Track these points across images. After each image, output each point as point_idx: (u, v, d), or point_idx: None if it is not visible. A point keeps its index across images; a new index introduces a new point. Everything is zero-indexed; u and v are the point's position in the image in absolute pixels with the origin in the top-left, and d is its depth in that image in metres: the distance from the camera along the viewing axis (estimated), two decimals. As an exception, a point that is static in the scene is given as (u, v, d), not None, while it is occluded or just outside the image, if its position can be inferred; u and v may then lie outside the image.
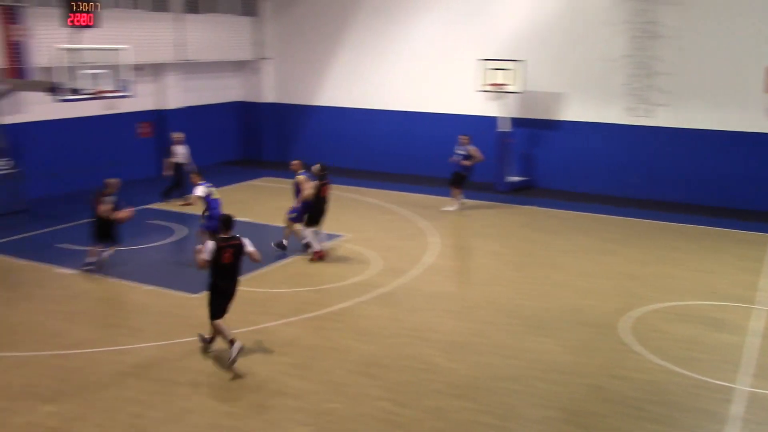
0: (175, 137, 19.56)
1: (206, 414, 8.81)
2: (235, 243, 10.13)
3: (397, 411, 8.93)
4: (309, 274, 14.02)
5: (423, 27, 23.22)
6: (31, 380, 9.58)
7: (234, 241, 10.15)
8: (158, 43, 21.75)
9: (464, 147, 19.21)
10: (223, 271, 10.09)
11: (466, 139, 19.31)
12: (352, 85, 24.72)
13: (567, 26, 21.08)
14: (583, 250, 15.88)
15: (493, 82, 20.75)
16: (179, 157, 19.35)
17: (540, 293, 13.15)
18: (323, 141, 25.46)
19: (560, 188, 21.77)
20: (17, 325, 11.41)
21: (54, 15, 17.47)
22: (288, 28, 25.70)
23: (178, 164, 19.25)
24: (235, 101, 26.59)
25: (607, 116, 20.97)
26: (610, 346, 10.90)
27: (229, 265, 10.10)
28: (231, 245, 10.08)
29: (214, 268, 10.08)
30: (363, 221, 18.02)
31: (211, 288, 10.24)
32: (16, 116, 19.15)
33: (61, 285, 13.29)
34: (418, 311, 12.27)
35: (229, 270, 10.15)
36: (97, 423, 8.55)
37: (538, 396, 9.39)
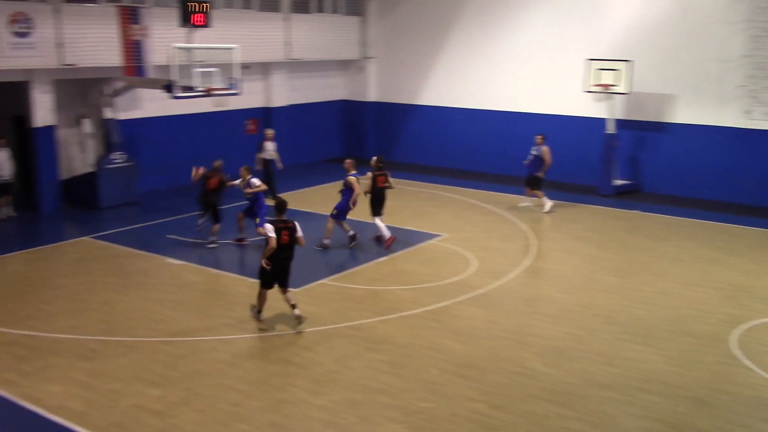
0: (266, 134, 19.94)
1: (301, 405, 9.01)
2: (290, 226, 11.17)
3: (491, 413, 8.87)
4: (406, 273, 14.10)
5: (528, 26, 22.92)
6: (141, 364, 10.06)
7: (289, 223, 11.18)
8: (266, 42, 22.34)
9: (538, 147, 18.84)
10: (280, 249, 11.06)
11: (540, 138, 18.92)
12: (455, 84, 24.67)
13: (679, 25, 20.34)
14: (689, 257, 15.31)
15: (601, 83, 20.26)
16: (269, 154, 19.69)
17: (641, 300, 12.77)
18: (424, 140, 25.56)
19: (667, 193, 21.04)
20: (129, 312, 12.00)
21: (169, 15, 18.26)
22: (392, 27, 25.90)
23: (267, 160, 19.63)
24: (338, 100, 27.02)
25: (721, 119, 20.10)
26: (715, 359, 10.47)
27: (286, 245, 11.13)
28: (287, 227, 11.11)
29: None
30: (461, 221, 17.96)
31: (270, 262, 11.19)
32: (131, 112, 20.14)
33: (170, 275, 13.88)
34: (514, 314, 12.15)
35: (285, 249, 11.16)
36: (199, 409, 8.89)
37: (636, 406, 9.13)
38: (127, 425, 8.50)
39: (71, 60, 17.56)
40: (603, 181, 21.02)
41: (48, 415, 8.72)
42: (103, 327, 11.34)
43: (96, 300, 12.47)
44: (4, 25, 16.28)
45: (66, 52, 17.44)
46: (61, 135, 19.17)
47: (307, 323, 11.52)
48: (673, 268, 14.57)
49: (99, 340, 10.87)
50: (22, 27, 16.56)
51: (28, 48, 16.77)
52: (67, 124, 19.37)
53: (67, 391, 9.27)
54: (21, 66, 16.93)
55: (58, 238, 16.26)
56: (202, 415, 8.74)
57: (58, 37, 17.27)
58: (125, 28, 17.73)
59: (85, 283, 13.32)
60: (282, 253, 11.15)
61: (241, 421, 8.61)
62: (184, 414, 8.76)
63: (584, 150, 22.09)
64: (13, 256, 14.88)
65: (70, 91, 19.30)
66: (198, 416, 8.72)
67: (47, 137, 18.34)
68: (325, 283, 13.45)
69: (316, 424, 8.60)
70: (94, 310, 12.01)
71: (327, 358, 10.33)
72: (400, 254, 15.22)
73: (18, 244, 15.72)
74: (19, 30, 16.53)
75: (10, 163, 17.54)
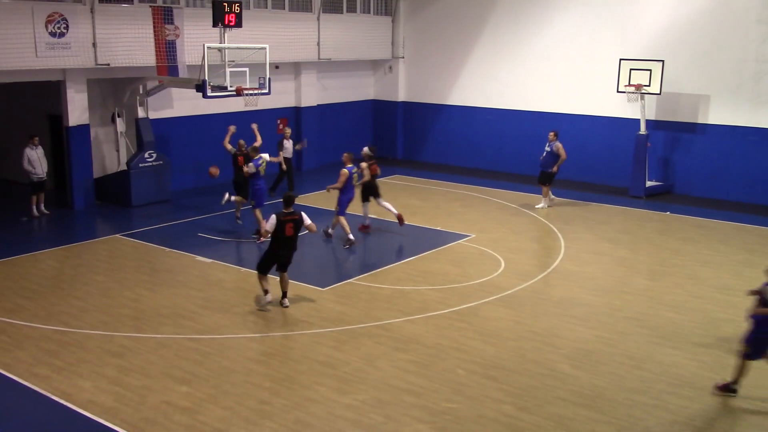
0: (285, 132, 20.24)
1: (327, 404, 9.03)
2: (296, 218, 11.74)
3: (518, 415, 8.82)
4: (434, 273, 14.07)
5: (559, 26, 22.74)
6: (169, 361, 10.16)
7: (295, 215, 11.74)
8: (297, 42, 22.42)
9: (551, 144, 18.97)
10: (284, 241, 11.72)
11: (553, 134, 19.09)
12: (485, 84, 24.56)
13: (713, 24, 20.03)
14: (722, 260, 15.08)
15: (633, 83, 20.04)
16: (288, 152, 19.95)
17: (672, 303, 12.60)
18: (454, 140, 25.49)
19: (700, 195, 20.75)
20: (159, 309, 12.12)
21: (202, 15, 18.43)
22: (421, 27, 25.86)
23: (286, 159, 19.89)
24: (368, 100, 27.05)
25: (757, 120, 19.77)
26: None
27: (289, 237, 11.74)
28: (293, 219, 11.68)
29: (275, 239, 11.74)
30: (490, 222, 17.88)
31: (269, 253, 11.89)
32: (163, 111, 20.36)
33: (199, 272, 14.00)
34: (543, 315, 12.05)
35: (287, 240, 11.78)
36: (227, 406, 8.95)
37: (666, 411, 9.01)
38: (155, 421, 8.58)
39: (105, 59, 17.80)
40: (635, 183, 20.78)
41: (78, 410, 8.84)
42: (133, 323, 11.48)
43: (126, 296, 12.63)
44: (41, 25, 16.53)
45: (100, 51, 17.68)
46: (95, 134, 19.44)
47: (335, 322, 11.55)
48: (705, 272, 14.37)
49: (129, 336, 11.00)
50: (57, 27, 16.82)
51: (63, 48, 17.03)
52: (100, 123, 19.64)
53: (98, 387, 9.39)
54: (56, 66, 17.18)
55: (90, 236, 16.49)
56: (229, 413, 8.80)
57: (92, 37, 17.50)
58: (159, 28, 17.92)
59: (116, 279, 13.49)
60: (284, 245, 11.81)
61: (267, 419, 8.65)
62: (211, 411, 8.83)
63: (616, 151, 21.87)
64: (47, 253, 15.11)
65: (103, 90, 19.58)
66: (225, 413, 8.78)
67: (81, 136, 18.61)
68: (353, 282, 13.47)
69: (342, 422, 8.62)
70: (124, 307, 12.16)
71: (354, 357, 10.34)
72: (428, 254, 15.19)
73: (51, 241, 15.98)
74: (54, 30, 16.78)
75: (45, 162, 17.79)
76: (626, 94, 20.33)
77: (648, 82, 19.83)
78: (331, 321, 11.63)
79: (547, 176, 19.13)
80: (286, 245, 11.86)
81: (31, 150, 17.48)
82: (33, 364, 10.03)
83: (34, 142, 17.59)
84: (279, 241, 11.77)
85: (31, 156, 17.46)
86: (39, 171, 17.59)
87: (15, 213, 17.87)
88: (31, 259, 14.67)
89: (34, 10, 16.41)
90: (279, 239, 11.76)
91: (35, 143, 17.61)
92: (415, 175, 23.60)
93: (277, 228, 11.65)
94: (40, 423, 8.72)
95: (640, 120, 20.53)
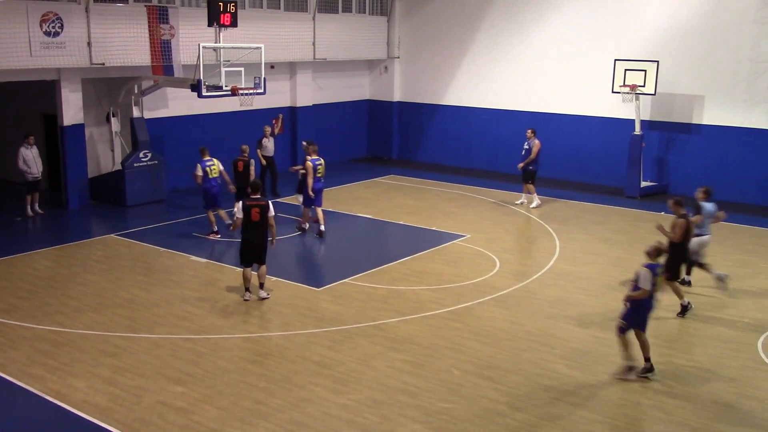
0: (265, 131, 20.00)
1: (322, 404, 9.02)
2: (262, 204, 12.18)
3: (513, 415, 8.82)
4: (429, 273, 14.07)
5: (554, 26, 22.75)
6: (164, 361, 10.14)
7: (261, 202, 12.20)
8: (292, 41, 22.40)
9: (529, 141, 19.19)
10: (251, 227, 12.17)
11: (531, 132, 19.31)
12: (480, 85, 24.57)
13: (708, 25, 20.08)
14: (717, 261, 15.08)
15: (627, 83, 20.07)
16: (268, 151, 19.83)
17: (666, 304, 12.60)
18: (449, 140, 25.50)
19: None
20: (154, 309, 12.10)
21: (197, 15, 18.40)
22: (416, 27, 25.85)
23: (268, 158, 19.80)
24: (363, 99, 27.04)
25: (751, 121, 19.82)
26: (742, 364, 10.33)
27: (256, 222, 12.15)
28: (258, 205, 12.15)
29: (243, 225, 12.23)
30: (486, 222, 17.88)
31: (242, 241, 12.38)
32: (158, 111, 20.32)
33: (194, 272, 13.98)
34: (538, 316, 12.06)
35: (255, 226, 12.19)
36: (222, 406, 8.94)
37: (662, 411, 9.02)
38: (150, 421, 8.56)
39: (100, 59, 17.75)
40: (629, 183, 20.82)
41: (73, 410, 8.81)
42: (128, 323, 11.45)
43: (121, 297, 12.60)
44: (35, 24, 16.49)
45: (95, 51, 17.63)
46: (89, 133, 19.39)
47: (330, 322, 11.55)
48: (700, 272, 14.37)
49: (124, 336, 10.97)
50: (52, 26, 16.77)
51: (58, 47, 16.98)
52: (95, 123, 19.59)
53: (92, 387, 9.37)
54: (51, 65, 17.14)
55: (85, 235, 16.45)
56: (224, 413, 8.78)
57: (87, 37, 17.46)
58: (154, 28, 17.87)
59: (111, 279, 13.46)
60: (252, 230, 12.22)
61: (262, 419, 8.64)
62: (206, 411, 8.81)
63: (611, 151, 21.90)
64: (41, 252, 15.07)
65: (98, 90, 19.53)
66: (220, 413, 8.76)
67: (76, 135, 18.56)
68: (348, 282, 13.47)
69: (337, 422, 8.61)
70: (119, 307, 12.13)
71: (349, 357, 10.33)
72: (423, 254, 15.18)
73: (46, 241, 15.93)
74: (49, 29, 16.73)
75: (39, 161, 17.72)
76: (621, 94, 20.36)
77: (643, 83, 19.87)
78: (327, 321, 11.63)
79: (531, 174, 19.24)
80: (254, 231, 12.25)
81: (26, 149, 17.42)
82: (27, 364, 10.00)
83: (29, 141, 17.52)
84: (246, 227, 12.25)
85: (26, 155, 17.41)
86: (34, 170, 17.53)
87: (9, 213, 17.82)
88: (25, 258, 14.62)
89: (29, 10, 16.37)
90: (246, 225, 12.23)
91: (30, 143, 17.54)
92: (411, 175, 23.60)
93: (244, 214, 12.18)
94: (34, 423, 8.69)
95: (635, 120, 20.56)
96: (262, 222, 12.24)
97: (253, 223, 12.21)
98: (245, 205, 12.21)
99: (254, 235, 12.31)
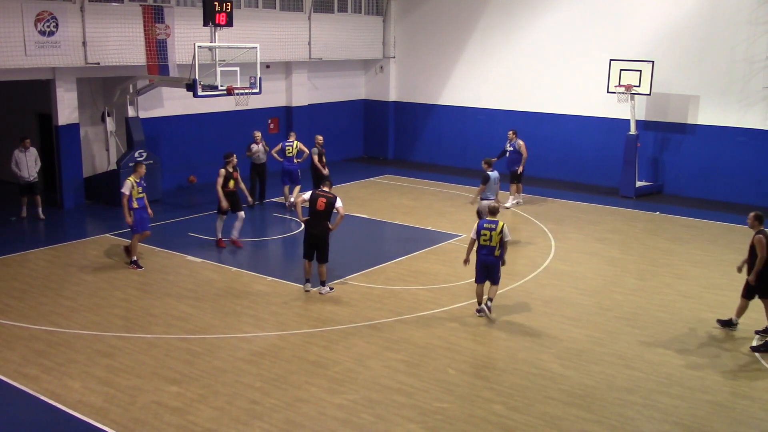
0: (255, 136, 19.02)
1: (318, 404, 9.02)
2: (330, 196, 12.67)
3: (508, 415, 8.83)
4: (425, 273, 14.08)
5: (550, 26, 22.78)
6: (160, 361, 10.13)
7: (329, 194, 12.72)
8: (288, 41, 22.39)
9: (513, 143, 19.25)
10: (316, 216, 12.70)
11: (513, 133, 19.38)
12: (476, 84, 24.60)
13: (703, 26, 20.12)
14: (711, 260, 15.15)
15: (623, 83, 20.10)
16: (257, 157, 18.86)
17: (662, 303, 12.66)
18: (445, 140, 25.51)
19: (690, 195, 20.85)
20: (149, 309, 12.08)
21: (193, 14, 18.37)
22: (412, 27, 25.86)
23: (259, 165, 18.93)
24: (359, 99, 27.04)
25: (746, 121, 19.87)
26: (737, 363, 10.36)
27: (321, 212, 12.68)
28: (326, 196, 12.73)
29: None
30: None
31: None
32: (154, 110, 20.29)
33: (190, 272, 13.96)
34: (533, 315, 12.08)
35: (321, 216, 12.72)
36: (217, 406, 8.93)
37: (656, 410, 9.04)
38: (145, 421, 8.55)
39: (95, 58, 17.72)
40: (625, 183, 20.86)
41: (68, 410, 8.80)
42: (123, 323, 11.43)
43: (116, 296, 12.58)
44: (30, 23, 16.44)
45: (90, 50, 17.60)
46: (84, 133, 19.35)
47: (326, 322, 11.55)
48: (695, 271, 14.43)
49: (119, 336, 10.95)
50: (47, 26, 16.73)
51: (53, 46, 16.94)
52: (90, 123, 19.55)
53: (87, 387, 9.35)
54: (46, 64, 17.10)
55: (80, 235, 16.42)
56: (219, 413, 8.77)
57: (82, 36, 17.42)
58: (149, 27, 17.85)
59: (106, 279, 13.43)
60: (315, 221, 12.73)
61: (258, 419, 8.63)
62: (201, 411, 8.80)
63: (606, 151, 21.94)
64: (36, 252, 15.04)
65: (93, 89, 19.50)
66: (215, 413, 8.76)
67: (71, 135, 18.52)
68: (344, 282, 13.46)
69: (333, 422, 8.61)
70: (114, 307, 12.11)
71: (345, 357, 10.33)
72: (419, 254, 15.19)
73: (41, 241, 15.90)
74: (44, 28, 16.69)
75: (36, 165, 17.41)
76: (616, 94, 20.40)
77: (638, 83, 19.90)
78: (322, 321, 11.63)
79: (518, 176, 19.32)
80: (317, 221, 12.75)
81: (20, 152, 17.11)
82: (22, 364, 9.98)
83: (24, 144, 17.21)
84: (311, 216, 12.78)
85: (19, 158, 17.08)
86: (24, 174, 17.08)
87: (5, 213, 17.76)
88: (20, 258, 14.59)
89: (24, 9, 16.32)
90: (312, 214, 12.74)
91: (26, 146, 17.22)
92: (406, 175, 23.61)
93: (309, 203, 12.69)
94: (29, 424, 8.66)
95: (630, 120, 20.60)
96: (326, 212, 12.64)
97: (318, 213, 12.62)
98: (313, 194, 12.80)
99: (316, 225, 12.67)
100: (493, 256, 11.62)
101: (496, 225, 11.61)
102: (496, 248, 11.56)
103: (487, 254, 11.63)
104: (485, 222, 11.79)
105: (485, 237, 11.60)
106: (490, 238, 11.57)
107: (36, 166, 17.40)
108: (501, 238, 11.57)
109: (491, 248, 11.58)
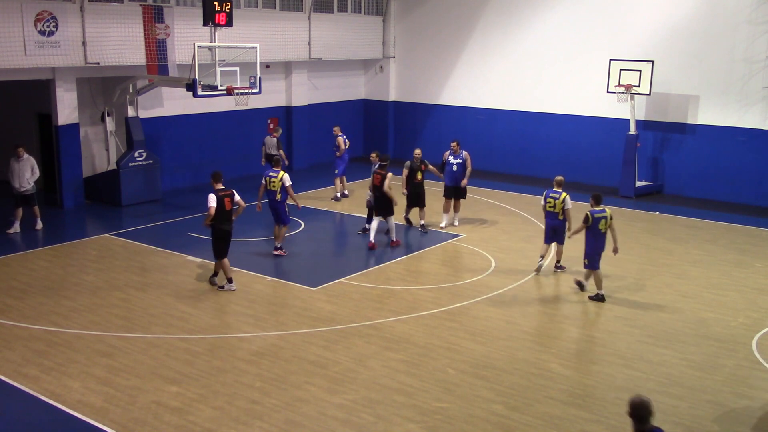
0: (270, 129, 19.73)
1: (318, 404, 9.02)
2: (228, 193, 12.64)
3: (508, 415, 8.83)
4: (424, 272, 14.08)
5: (550, 26, 22.78)
6: (160, 361, 10.13)
7: (227, 192, 12.66)
8: (288, 41, 22.39)
9: (459, 155, 17.05)
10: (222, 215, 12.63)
11: (456, 144, 17.16)
12: (476, 84, 24.59)
13: (703, 26, 20.12)
14: (711, 260, 15.15)
15: (622, 83, 20.10)
16: (271, 149, 19.42)
17: (662, 303, 12.65)
18: (445, 140, 25.39)
19: (689, 195, 20.84)
20: (149, 309, 12.08)
21: (193, 14, 18.37)
22: (412, 27, 25.86)
23: (270, 155, 19.31)
24: (359, 99, 27.03)
25: (746, 121, 19.87)
26: (736, 363, 10.36)
27: (228, 211, 12.66)
28: (225, 195, 12.62)
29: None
30: (481, 221, 17.90)
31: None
32: (154, 110, 20.28)
33: (189, 272, 13.96)
34: (533, 315, 12.08)
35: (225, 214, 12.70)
36: (217, 406, 8.93)
37: (657, 410, 8.94)
38: (145, 421, 8.55)
39: (95, 58, 17.71)
40: (624, 183, 20.86)
41: (68, 410, 8.80)
42: (123, 323, 11.43)
43: (116, 296, 12.58)
44: (30, 23, 16.44)
45: (90, 50, 17.59)
46: (84, 133, 19.35)
47: (325, 322, 11.55)
48: (694, 271, 14.43)
49: (119, 336, 10.96)
50: (47, 25, 16.73)
51: (52, 46, 16.93)
52: (90, 122, 19.55)
53: (87, 387, 9.35)
54: (45, 64, 17.09)
55: (80, 235, 16.42)
56: (219, 413, 8.77)
57: (82, 36, 17.42)
58: (149, 27, 17.86)
59: (106, 279, 13.43)
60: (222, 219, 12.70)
61: (258, 419, 8.63)
62: (201, 411, 8.80)
63: (606, 151, 21.94)
64: (36, 252, 15.04)
65: (93, 89, 19.49)
66: (215, 413, 8.76)
67: (70, 135, 18.52)
68: (344, 282, 13.47)
69: (332, 422, 8.61)
70: (114, 306, 12.11)
71: (345, 357, 10.33)
72: (418, 254, 15.19)
73: (41, 241, 15.89)
74: (44, 28, 16.69)
75: (32, 175, 16.21)
76: (616, 94, 20.40)
77: (638, 83, 19.90)
78: (322, 321, 11.63)
79: (461, 191, 17.14)
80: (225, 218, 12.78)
81: (14, 162, 16.09)
82: (22, 364, 9.98)
83: (18, 153, 16.09)
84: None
85: (12, 168, 16.10)
86: (16, 184, 16.09)
87: (5, 213, 17.74)
88: (20, 258, 14.59)
89: (23, 9, 16.32)
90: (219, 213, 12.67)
91: (19, 154, 16.07)
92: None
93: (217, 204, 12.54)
94: (28, 424, 8.67)
95: (630, 120, 20.60)
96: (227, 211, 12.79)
97: (224, 211, 12.74)
98: (217, 196, 12.61)
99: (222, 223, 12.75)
100: (558, 220, 13.88)
101: (560, 195, 13.83)
102: (559, 214, 13.82)
103: (553, 219, 13.95)
104: (551, 192, 13.91)
105: (550, 204, 13.88)
106: (554, 205, 13.84)
107: (32, 177, 16.21)
108: (563, 207, 13.78)
109: (555, 214, 13.87)
